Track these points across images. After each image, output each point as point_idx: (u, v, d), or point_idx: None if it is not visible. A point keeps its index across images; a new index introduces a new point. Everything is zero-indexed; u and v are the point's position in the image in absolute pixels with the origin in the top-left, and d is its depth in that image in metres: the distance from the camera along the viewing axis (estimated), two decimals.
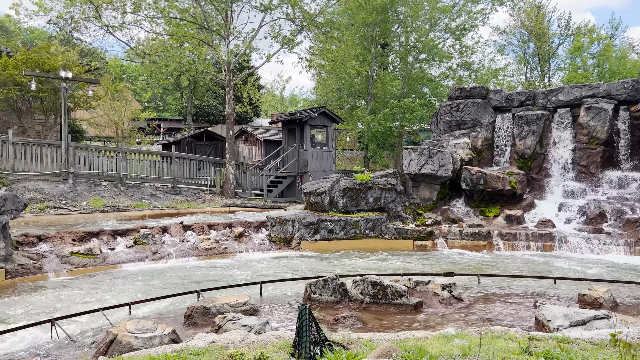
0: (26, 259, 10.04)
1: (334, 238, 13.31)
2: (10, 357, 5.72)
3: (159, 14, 20.98)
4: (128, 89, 28.80)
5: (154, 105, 50.00)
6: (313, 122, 22.85)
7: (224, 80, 22.17)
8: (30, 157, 18.01)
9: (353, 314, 7.30)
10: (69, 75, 18.58)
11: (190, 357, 4.37)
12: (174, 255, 11.85)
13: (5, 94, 20.10)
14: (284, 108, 64.16)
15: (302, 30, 22.21)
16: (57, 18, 20.17)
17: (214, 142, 30.02)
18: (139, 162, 20.88)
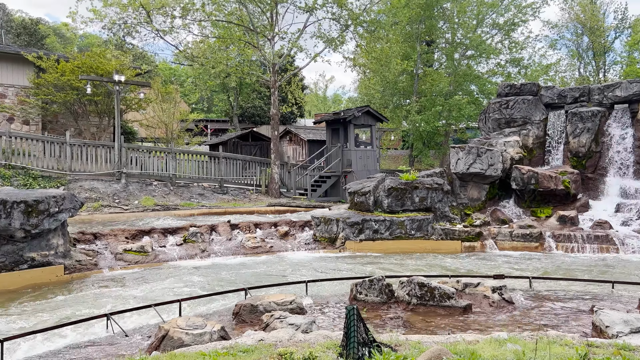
0: (83, 256, 10.49)
1: (378, 238, 13.20)
2: (71, 350, 5.98)
3: (206, 17, 21.47)
4: (177, 91, 29.61)
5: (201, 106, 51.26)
6: (357, 122, 22.77)
7: (269, 81, 22.44)
8: (86, 157, 18.83)
9: (400, 315, 7.21)
10: (121, 78, 19.31)
11: (239, 354, 4.43)
12: (221, 253, 12.09)
13: (63, 97, 21.08)
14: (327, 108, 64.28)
15: (347, 30, 22.17)
16: (110, 24, 21.00)
17: (259, 142, 30.44)
18: (188, 162, 21.44)
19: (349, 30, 22.41)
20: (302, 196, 22.03)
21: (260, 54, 22.25)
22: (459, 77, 30.64)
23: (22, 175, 17.18)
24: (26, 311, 7.86)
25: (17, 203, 9.30)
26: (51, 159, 18.20)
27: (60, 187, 17.13)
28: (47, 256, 9.77)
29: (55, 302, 8.38)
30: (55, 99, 21.26)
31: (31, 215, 9.43)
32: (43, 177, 17.60)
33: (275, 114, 22.47)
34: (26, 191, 10.26)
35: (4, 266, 9.24)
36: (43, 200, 9.63)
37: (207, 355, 4.40)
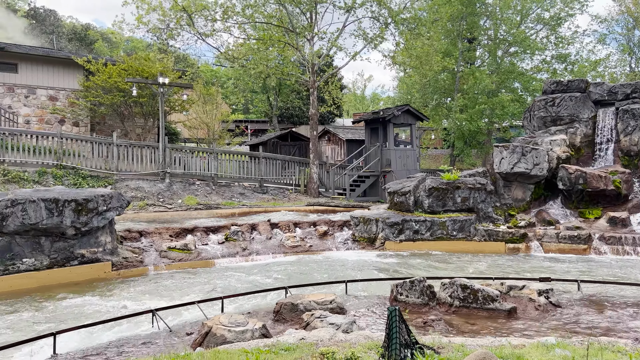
0: (129, 253, 10.83)
1: (419, 239, 13.04)
2: (117, 344, 6.18)
3: (246, 20, 21.77)
4: (218, 92, 30.16)
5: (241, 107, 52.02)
6: (396, 121, 22.56)
7: (308, 82, 22.54)
8: (131, 158, 19.44)
9: (442, 317, 7.09)
10: (165, 81, 19.83)
11: (281, 352, 4.47)
12: (262, 251, 12.23)
13: (111, 99, 21.84)
14: (366, 107, 63.99)
15: (387, 28, 22.01)
16: (154, 28, 21.61)
17: (298, 142, 30.63)
18: (229, 162, 21.80)
19: (389, 28, 22.23)
20: (340, 196, 22.02)
21: (299, 54, 22.38)
22: (502, 74, 29.88)
23: (72, 174, 17.90)
24: (80, 305, 8.19)
25: (68, 202, 9.69)
26: (99, 159, 18.89)
27: (108, 187, 17.75)
28: (96, 253, 10.14)
29: (106, 297, 8.69)
30: (103, 101, 22.06)
31: (81, 214, 9.81)
32: (92, 176, 18.29)
33: (314, 114, 22.54)
34: (76, 190, 10.68)
35: (56, 262, 9.66)
36: (92, 199, 10.00)
37: (250, 353, 4.46)
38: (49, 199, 9.51)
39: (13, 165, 17.10)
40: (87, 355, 5.64)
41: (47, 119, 22.57)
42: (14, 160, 17.18)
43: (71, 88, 23.08)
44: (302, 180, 22.67)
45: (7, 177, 16.43)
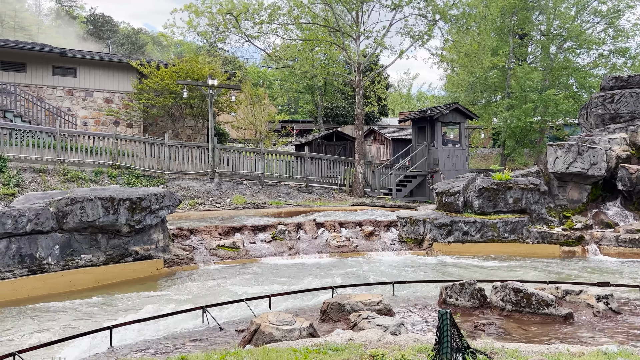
0: (180, 250, 11.13)
1: (468, 240, 12.72)
2: (169, 339, 6.36)
3: (292, 21, 21.94)
4: (265, 93, 30.59)
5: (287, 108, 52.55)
6: (445, 119, 22.11)
7: (354, 81, 22.46)
8: (182, 158, 20.00)
9: (493, 321, 6.88)
10: (214, 82, 20.28)
11: (329, 352, 4.45)
12: (308, 251, 12.28)
13: (162, 101, 22.55)
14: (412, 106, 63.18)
15: (435, 25, 21.64)
16: (203, 32, 22.13)
17: (343, 142, 30.60)
18: (275, 162, 22.05)
19: (437, 25, 21.84)
20: (386, 196, 21.82)
21: (345, 54, 22.35)
22: (556, 70, 28.75)
23: (127, 174, 18.59)
24: (134, 300, 8.49)
25: (123, 200, 10.07)
26: (151, 159, 19.53)
27: (160, 186, 18.33)
28: (149, 250, 10.49)
29: (158, 293, 8.98)
30: (155, 103, 22.81)
31: (135, 212, 10.17)
32: (144, 176, 18.94)
33: (360, 113, 22.45)
34: (130, 189, 11.08)
35: (112, 258, 10.05)
36: (145, 198, 10.34)
37: (298, 352, 4.47)
38: (105, 197, 9.91)
39: (72, 165, 17.94)
40: (141, 349, 5.83)
41: (103, 120, 23.56)
42: (72, 160, 18.02)
43: (125, 91, 23.99)
44: (348, 180, 22.62)
45: (66, 177, 17.25)
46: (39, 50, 22.32)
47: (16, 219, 9.03)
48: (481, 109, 30.01)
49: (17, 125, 18.24)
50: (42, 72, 22.39)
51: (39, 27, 63.19)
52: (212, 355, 4.34)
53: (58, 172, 17.27)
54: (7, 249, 8.93)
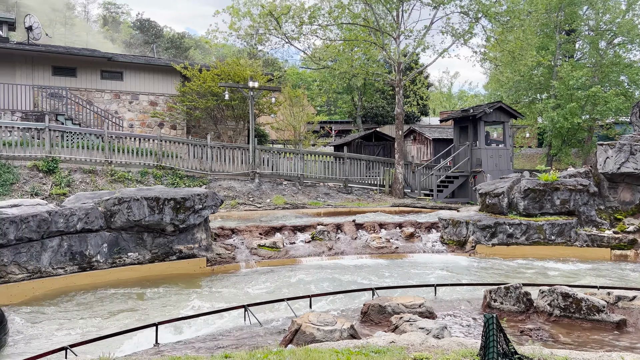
0: (222, 249, 11.32)
1: (513, 243, 12.37)
2: (213, 336, 6.47)
3: (332, 22, 21.95)
4: (304, 94, 30.74)
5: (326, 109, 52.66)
6: (488, 118, 21.59)
7: (394, 81, 22.27)
8: (223, 159, 20.36)
9: (540, 327, 6.67)
10: (255, 84, 20.54)
11: (372, 354, 4.41)
12: (347, 251, 12.24)
13: (205, 103, 23.03)
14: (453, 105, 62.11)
15: (478, 22, 21.19)
16: (245, 35, 22.45)
17: (382, 142, 30.39)
18: (314, 162, 22.13)
19: (479, 22, 21.38)
20: (427, 197, 21.51)
21: (385, 53, 22.18)
22: (605, 67, 27.60)
23: (171, 174, 19.08)
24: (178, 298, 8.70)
25: (168, 200, 10.32)
26: (194, 160, 19.97)
27: (202, 186, 18.71)
28: (192, 249, 10.71)
29: (201, 291, 9.16)
30: (198, 105, 23.31)
31: (179, 212, 10.41)
32: (188, 176, 19.38)
33: (400, 113, 22.23)
34: (175, 189, 11.35)
35: (157, 256, 10.33)
36: (189, 198, 10.58)
37: (340, 353, 4.45)
38: (150, 197, 10.19)
39: (119, 166, 18.55)
40: (185, 346, 5.95)
41: (148, 122, 24.27)
42: (119, 161, 18.64)
43: (169, 93, 24.64)
44: (387, 181, 22.43)
45: (113, 177, 17.86)
46: (88, 55, 23.22)
47: (67, 218, 9.41)
48: (525, 108, 29.15)
49: (68, 127, 19.02)
50: (91, 76, 23.28)
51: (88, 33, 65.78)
52: (255, 354, 4.38)
53: (106, 173, 17.91)
54: (59, 246, 9.31)
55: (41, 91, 21.38)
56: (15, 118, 19.86)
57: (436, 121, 39.27)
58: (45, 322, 7.50)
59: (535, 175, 14.12)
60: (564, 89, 26.56)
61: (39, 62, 22.16)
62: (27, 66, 21.96)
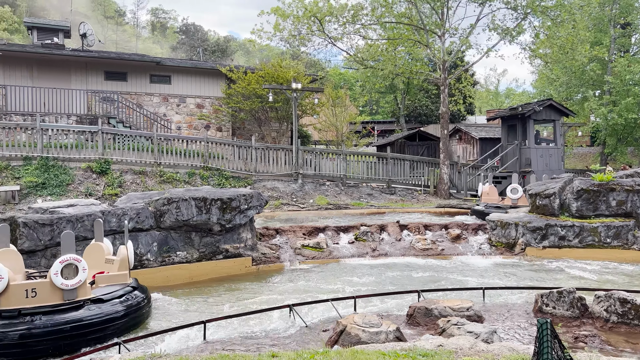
0: (267, 249, 11.45)
1: (565, 246, 11.90)
2: (260, 334, 6.55)
3: (375, 21, 21.82)
4: (346, 95, 30.69)
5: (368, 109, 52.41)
6: (537, 117, 20.87)
7: (439, 79, 21.89)
8: (267, 160, 20.60)
9: (596, 333, 6.38)
10: (298, 86, 20.68)
11: (419, 357, 4.35)
12: (391, 253, 12.12)
13: (249, 105, 23.38)
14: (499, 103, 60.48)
15: (526, 18, 20.54)
16: (288, 36, 22.65)
17: (426, 142, 29.95)
18: (357, 163, 22.05)
19: (528, 18, 20.71)
20: (473, 197, 21.02)
21: (429, 52, 21.85)
22: None
23: (217, 175, 19.47)
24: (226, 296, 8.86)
25: (215, 200, 10.53)
26: (239, 161, 20.30)
27: (247, 187, 19.00)
28: (238, 248, 10.88)
29: (248, 290, 9.29)
30: (243, 107, 23.69)
31: (225, 212, 10.60)
32: (233, 177, 19.72)
33: (445, 112, 21.83)
34: (221, 190, 11.56)
35: (204, 255, 10.55)
36: (235, 198, 10.75)
37: (387, 355, 4.41)
38: (198, 198, 10.43)
39: (167, 167, 19.09)
40: (233, 344, 6.05)
41: (194, 125, 24.87)
42: (168, 163, 19.18)
43: (215, 96, 25.16)
44: (432, 181, 22.08)
45: (162, 178, 18.40)
46: (138, 60, 24.03)
47: (120, 217, 9.75)
48: (577, 105, 28.03)
49: (119, 130, 19.75)
50: (141, 80, 24.08)
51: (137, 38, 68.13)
52: (301, 354, 4.39)
53: (155, 174, 18.47)
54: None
55: (94, 95, 22.30)
56: (70, 121, 20.80)
57: (483, 120, 38.35)
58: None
59: (589, 175, 13.54)
60: (619, 85, 25.36)
61: (92, 68, 23.12)
62: (81, 71, 22.96)
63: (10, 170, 16.32)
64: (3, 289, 5.93)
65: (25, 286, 6.19)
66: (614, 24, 27.04)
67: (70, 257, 6.34)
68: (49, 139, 17.82)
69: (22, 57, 21.65)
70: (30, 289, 6.16)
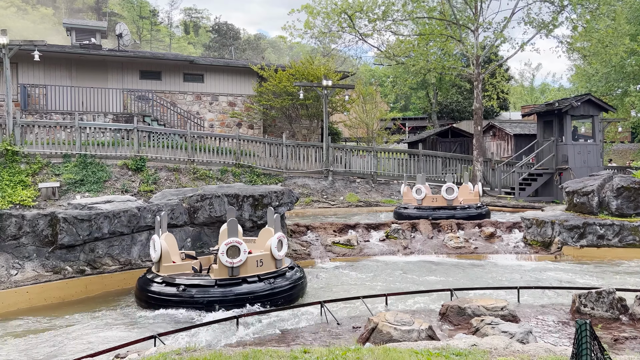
0: (298, 246, 11.50)
1: (604, 245, 11.53)
2: (294, 331, 6.59)
3: (407, 16, 21.59)
4: (377, 91, 30.49)
5: (399, 105, 51.97)
6: (575, 112, 20.26)
7: (472, 75, 21.51)
8: (298, 157, 20.70)
9: (637, 335, 6.17)
10: (329, 83, 20.67)
11: (452, 357, 4.30)
12: (423, 251, 12.00)
13: (280, 103, 23.52)
14: (535, 99, 59.02)
15: (563, 11, 19.95)
16: (319, 33, 22.65)
17: (459, 138, 29.48)
18: (388, 160, 21.92)
19: (565, 11, 20.12)
20: (508, 195, 20.58)
21: (462, 47, 21.49)
22: None
23: (249, 172, 19.68)
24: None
25: (247, 197, 10.65)
26: (270, 158, 20.47)
27: (278, 184, 19.14)
28: None
29: None
30: (274, 105, 23.85)
31: (257, 208, 10.71)
32: (264, 174, 19.90)
33: (479, 108, 21.43)
34: (253, 187, 11.68)
35: None
36: (266, 195, 10.85)
37: (420, 354, 4.38)
38: (230, 194, 10.57)
39: (200, 164, 19.42)
40: (267, 340, 6.12)
41: (227, 122, 25.19)
42: (201, 160, 19.50)
43: (247, 94, 25.42)
44: (465, 178, 21.72)
45: (196, 175, 18.72)
46: (171, 59, 24.49)
47: (155, 213, 9.96)
48: (617, 100, 27.10)
49: (154, 128, 20.18)
50: (175, 79, 24.54)
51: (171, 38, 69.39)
52: (333, 351, 4.40)
53: (188, 171, 18.81)
54: (148, 240, 9.89)
55: (130, 94, 22.85)
56: (107, 120, 21.39)
57: (517, 116, 37.50)
58: None
59: (630, 172, 13.08)
60: None
61: (128, 67, 23.69)
62: (117, 71, 23.56)
63: (50, 168, 16.90)
64: (244, 261, 7.64)
65: (256, 258, 7.92)
66: None
67: (280, 235, 8.15)
68: (87, 137, 18.37)
69: (61, 58, 22.37)
70: (258, 260, 7.95)
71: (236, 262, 7.52)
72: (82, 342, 6.50)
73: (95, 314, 7.78)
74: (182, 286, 7.47)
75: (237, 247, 7.54)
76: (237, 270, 7.58)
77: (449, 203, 14.96)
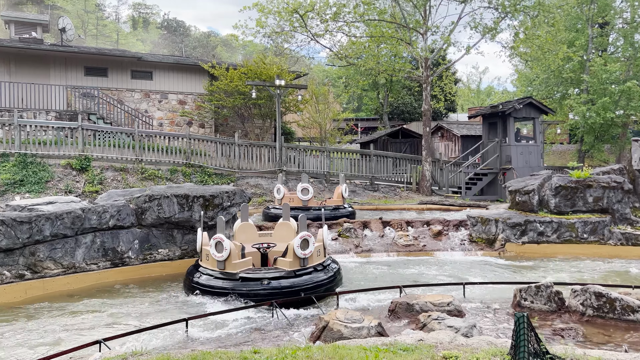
0: None
1: (544, 241, 12.13)
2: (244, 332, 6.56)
3: (358, 18, 21.86)
4: (330, 92, 30.72)
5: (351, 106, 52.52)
6: (517, 114, 21.19)
7: (421, 77, 22.06)
8: (251, 156, 20.56)
9: (572, 326, 6.54)
10: (282, 83, 20.64)
11: (400, 352, 4.42)
12: (374, 249, 12.20)
13: (232, 102, 23.26)
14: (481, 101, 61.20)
15: (506, 17, 20.79)
16: (271, 32, 22.57)
17: (409, 139, 30.16)
18: (340, 160, 22.14)
19: (508, 17, 20.98)
20: (455, 194, 21.27)
21: (411, 49, 21.99)
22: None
23: (199, 172, 19.36)
24: None
25: (197, 197, 10.49)
26: (222, 158, 20.22)
27: (230, 184, 18.93)
28: None
29: None
30: (225, 104, 23.56)
31: (208, 209, 10.56)
32: (216, 174, 19.64)
33: (427, 109, 22.02)
34: (203, 187, 11.51)
35: (187, 253, 10.51)
36: (218, 195, 10.72)
37: (368, 350, 4.47)
38: (180, 195, 10.37)
39: (149, 164, 18.93)
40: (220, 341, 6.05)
41: (177, 121, 24.67)
42: (149, 160, 19.01)
43: (198, 92, 24.99)
44: (414, 178, 22.27)
45: (144, 175, 18.23)
46: (118, 55, 23.73)
47: (100, 215, 9.65)
48: (556, 104, 28.52)
49: (100, 126, 19.50)
50: (122, 76, 23.79)
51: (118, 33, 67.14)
52: (283, 350, 4.43)
53: (136, 171, 18.29)
54: (93, 242, 9.57)
55: (74, 91, 21.96)
56: (49, 118, 20.46)
57: (464, 118, 38.76)
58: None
59: (567, 172, 13.81)
60: (596, 84, 25.88)
61: (72, 63, 22.76)
62: (60, 67, 22.59)
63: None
64: (312, 252, 8.49)
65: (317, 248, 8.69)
66: (592, 24, 27.55)
67: (305, 234, 8.36)
68: (27, 135, 17.52)
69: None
70: (316, 251, 8.71)
71: (307, 254, 8.35)
72: (23, 349, 6.21)
73: (36, 320, 7.44)
74: (266, 280, 8.00)
75: (307, 239, 8.30)
76: (307, 260, 8.39)
77: (304, 204, 14.92)
